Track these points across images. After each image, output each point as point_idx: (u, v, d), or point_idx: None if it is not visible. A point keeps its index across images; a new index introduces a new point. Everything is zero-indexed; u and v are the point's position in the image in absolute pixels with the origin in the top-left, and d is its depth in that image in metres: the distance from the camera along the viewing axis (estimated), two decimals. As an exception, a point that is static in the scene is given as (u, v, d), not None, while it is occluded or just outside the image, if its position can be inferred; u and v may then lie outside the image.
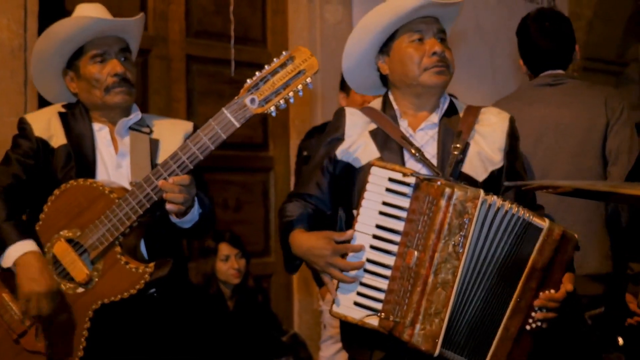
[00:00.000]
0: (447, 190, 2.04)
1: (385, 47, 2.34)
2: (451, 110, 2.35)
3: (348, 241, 2.13)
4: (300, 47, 2.12)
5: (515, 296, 2.09)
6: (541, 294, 2.10)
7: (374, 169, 2.13)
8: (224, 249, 3.87)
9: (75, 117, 2.44)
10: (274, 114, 2.13)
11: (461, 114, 2.36)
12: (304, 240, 2.21)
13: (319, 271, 2.19)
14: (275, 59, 2.11)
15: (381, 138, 2.28)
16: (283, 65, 2.10)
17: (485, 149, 2.28)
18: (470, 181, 2.20)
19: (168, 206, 2.18)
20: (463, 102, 2.43)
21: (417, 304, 2.05)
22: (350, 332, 2.22)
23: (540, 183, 1.40)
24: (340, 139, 2.31)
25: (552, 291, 2.12)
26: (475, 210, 2.05)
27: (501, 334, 2.10)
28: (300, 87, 2.09)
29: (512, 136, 2.34)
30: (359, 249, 2.11)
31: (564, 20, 3.30)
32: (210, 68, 4.21)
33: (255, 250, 4.21)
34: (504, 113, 2.40)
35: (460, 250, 2.05)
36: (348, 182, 2.28)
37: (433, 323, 2.05)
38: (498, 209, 2.08)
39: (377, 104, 2.40)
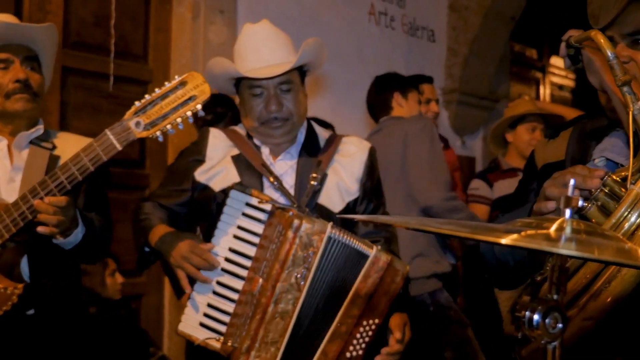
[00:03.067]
0: (296, 221, 2.07)
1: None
2: (312, 139, 2.41)
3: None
4: (193, 73, 2.09)
5: (336, 321, 2.10)
6: (364, 322, 2.13)
7: (232, 193, 2.16)
8: (112, 263, 3.80)
9: None
10: (160, 139, 2.10)
11: (322, 144, 2.40)
12: (170, 236, 2.21)
13: (172, 264, 2.18)
14: (167, 83, 2.09)
15: (242, 164, 2.31)
16: (174, 90, 2.07)
17: (344, 179, 2.33)
18: (326, 212, 2.26)
19: (39, 228, 2.11)
20: (343, 128, 2.50)
21: (254, 331, 2.06)
22: (195, 352, 2.22)
23: (370, 218, 1.47)
24: (201, 161, 2.34)
25: (376, 320, 2.14)
26: (321, 243, 2.08)
27: (319, 358, 2.10)
28: (189, 113, 2.06)
29: (371, 166, 2.40)
30: (215, 262, 2.12)
31: None
32: (87, 81, 4.08)
33: (126, 270, 4.09)
34: (364, 143, 2.47)
35: (302, 283, 2.08)
36: (206, 204, 2.29)
37: (269, 351, 2.06)
38: (340, 241, 2.11)
39: (243, 127, 2.43)
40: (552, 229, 0.99)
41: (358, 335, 2.12)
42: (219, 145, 2.36)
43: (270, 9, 4.58)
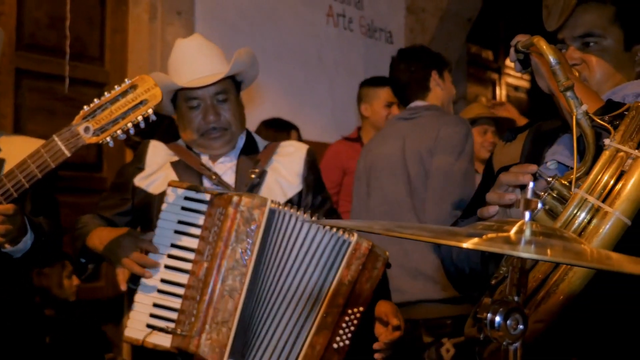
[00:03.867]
0: (235, 198, 2.08)
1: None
2: (251, 145, 2.45)
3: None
4: (144, 76, 2.06)
5: (321, 312, 2.09)
6: (349, 310, 2.11)
7: (170, 189, 2.15)
8: (69, 265, 3.72)
9: None
10: (111, 144, 2.06)
11: (261, 149, 2.45)
12: (107, 233, 2.20)
13: (113, 261, 2.16)
14: (116, 86, 2.04)
15: (182, 168, 2.34)
16: (124, 94, 2.03)
17: (284, 175, 2.37)
18: None
19: None
20: (304, 128, 2.52)
21: (204, 313, 2.03)
22: (143, 356, 2.20)
23: (336, 223, 1.49)
24: (141, 168, 2.36)
25: (361, 308, 2.13)
26: (262, 217, 2.07)
27: (306, 352, 2.08)
28: (140, 118, 2.02)
29: (311, 162, 2.45)
30: (156, 250, 2.11)
31: (422, 53, 3.47)
32: (42, 83, 4.01)
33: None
34: (302, 144, 2.53)
35: (247, 257, 2.06)
36: (147, 209, 2.30)
37: (220, 332, 2.02)
38: (291, 217, 2.10)
39: (182, 142, 2.47)
40: (512, 231, 1.01)
41: (344, 325, 2.11)
42: (158, 154, 2.39)
43: (228, 11, 4.56)
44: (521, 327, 0.98)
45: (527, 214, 1.04)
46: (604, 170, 1.40)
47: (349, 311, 2.11)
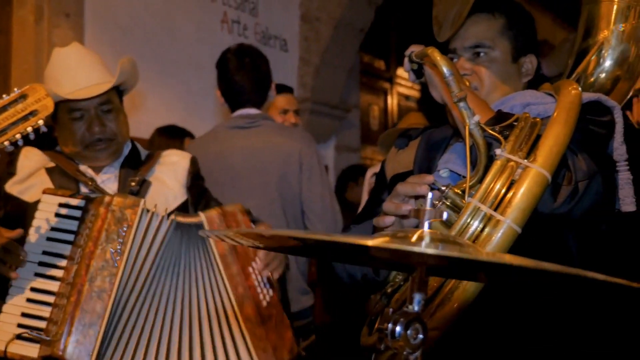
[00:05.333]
0: (107, 198, 2.06)
1: None
2: (134, 155, 2.41)
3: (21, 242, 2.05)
4: (35, 86, 1.95)
5: (230, 289, 2.11)
6: (249, 269, 2.15)
7: (44, 197, 2.11)
8: None
9: None
10: None
11: (143, 158, 2.41)
12: None
13: None
14: (5, 95, 1.93)
15: (57, 174, 2.27)
16: (13, 103, 1.92)
17: (169, 185, 2.35)
18: None
19: None
20: (198, 135, 2.46)
21: (71, 315, 1.97)
22: None
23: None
24: (12, 174, 2.27)
25: (257, 260, 2.17)
26: (135, 217, 2.06)
27: (246, 326, 2.09)
28: (30, 129, 1.92)
29: (194, 173, 2.44)
30: (23, 255, 2.03)
31: (263, 58, 3.30)
32: None
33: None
34: (185, 153, 2.52)
35: (118, 257, 2.03)
36: (20, 218, 2.20)
37: (87, 335, 1.97)
38: (162, 218, 2.11)
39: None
40: (413, 239, 1.02)
41: (256, 283, 2.14)
42: (32, 159, 2.30)
43: (120, 14, 4.44)
44: (421, 336, 0.99)
45: (426, 224, 1.06)
46: (496, 179, 1.45)
47: (249, 269, 2.15)
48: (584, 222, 1.59)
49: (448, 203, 1.51)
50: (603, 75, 1.95)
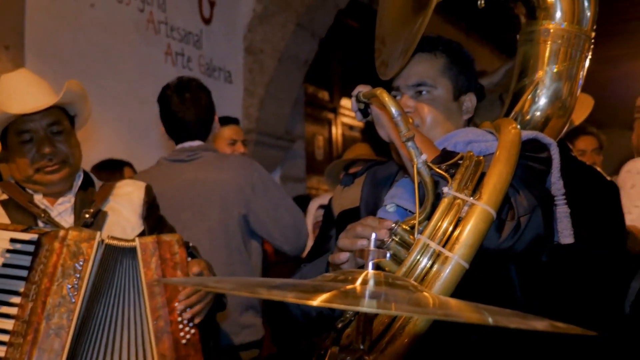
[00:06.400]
0: (62, 232, 2.02)
1: None
2: (88, 183, 2.37)
3: None
4: None
5: (150, 321, 2.06)
6: (177, 304, 2.11)
7: None
8: None
9: None
10: None
11: (97, 189, 2.38)
12: None
13: None
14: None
15: (12, 207, 2.22)
16: None
17: (125, 216, 2.32)
18: None
19: None
20: (141, 169, 2.44)
21: (28, 354, 1.92)
22: None
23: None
24: None
25: (184, 292, 2.12)
26: (91, 250, 2.02)
27: None
28: None
29: (150, 203, 2.42)
30: None
31: (204, 90, 3.33)
32: None
33: None
34: (139, 183, 2.48)
35: (75, 293, 1.99)
36: None
37: None
38: (113, 247, 2.09)
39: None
40: (358, 282, 1.03)
41: (179, 319, 2.08)
42: None
43: (61, 47, 4.38)
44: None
45: (370, 264, 1.07)
46: (444, 216, 1.49)
47: (176, 304, 2.09)
48: (526, 255, 1.64)
49: (397, 239, 1.54)
50: (538, 113, 2.05)
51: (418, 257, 1.46)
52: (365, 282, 1.03)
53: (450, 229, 1.47)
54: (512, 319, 0.90)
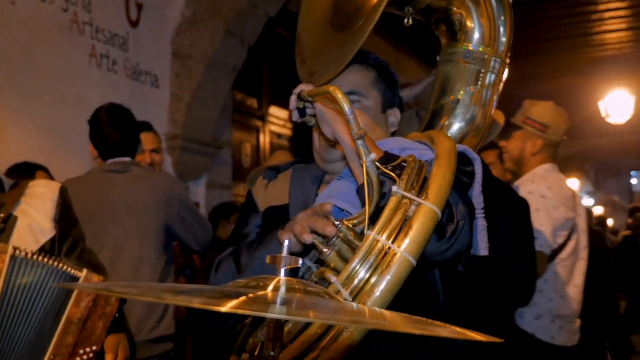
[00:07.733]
0: None
1: None
2: None
3: None
4: None
5: (49, 352, 1.97)
6: (81, 350, 2.04)
7: None
8: None
9: None
10: None
11: (6, 190, 2.31)
12: None
13: None
14: None
15: None
16: None
17: (37, 219, 2.23)
18: None
19: None
20: (60, 172, 2.38)
21: None
22: None
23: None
24: None
25: (94, 347, 2.06)
26: (3, 264, 1.94)
27: None
28: None
29: (64, 205, 2.33)
30: None
31: (130, 115, 3.65)
32: None
33: None
34: (53, 183, 2.40)
35: None
36: None
37: None
38: (33, 263, 1.99)
39: None
40: (269, 289, 1.04)
41: None
42: None
43: (-21, 44, 4.25)
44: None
45: (282, 271, 1.08)
46: (393, 214, 1.51)
47: (81, 351, 2.02)
48: (452, 261, 1.68)
49: (342, 237, 1.56)
50: (456, 130, 2.14)
51: (367, 252, 1.48)
52: (276, 289, 1.03)
53: (399, 226, 1.50)
54: (415, 325, 0.92)
